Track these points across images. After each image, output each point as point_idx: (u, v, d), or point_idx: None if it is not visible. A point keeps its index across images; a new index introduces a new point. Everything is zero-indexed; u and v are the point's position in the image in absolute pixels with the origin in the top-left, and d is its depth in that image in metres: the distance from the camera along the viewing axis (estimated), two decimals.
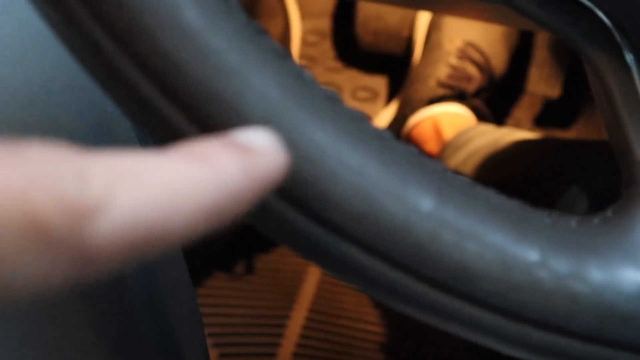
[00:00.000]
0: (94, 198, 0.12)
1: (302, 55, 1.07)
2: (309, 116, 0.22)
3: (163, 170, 0.13)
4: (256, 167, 0.15)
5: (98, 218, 0.12)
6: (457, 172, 0.25)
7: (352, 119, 0.23)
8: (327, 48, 1.08)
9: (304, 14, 1.04)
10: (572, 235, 0.24)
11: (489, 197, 0.24)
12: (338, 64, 1.08)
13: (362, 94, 1.06)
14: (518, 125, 1.05)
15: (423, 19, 0.99)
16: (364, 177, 0.22)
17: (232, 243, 0.85)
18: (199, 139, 0.15)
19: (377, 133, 0.23)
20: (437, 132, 0.91)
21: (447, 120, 0.91)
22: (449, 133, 0.89)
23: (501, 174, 0.69)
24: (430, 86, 0.94)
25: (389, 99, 1.05)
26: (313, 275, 0.88)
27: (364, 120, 0.23)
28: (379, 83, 1.07)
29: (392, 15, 1.00)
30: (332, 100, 0.22)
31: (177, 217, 0.13)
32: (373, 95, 1.06)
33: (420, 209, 0.23)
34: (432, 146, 0.91)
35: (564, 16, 0.27)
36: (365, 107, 1.05)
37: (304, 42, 1.08)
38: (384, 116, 1.00)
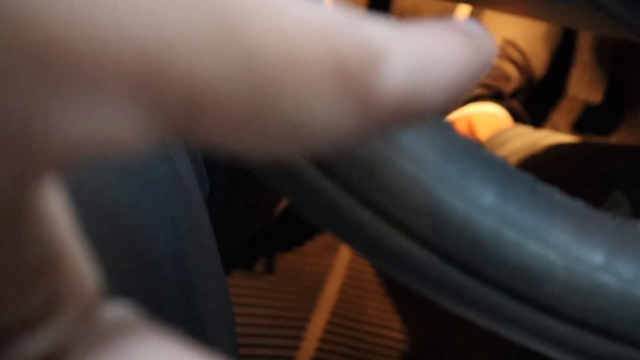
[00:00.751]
0: (379, 50, 0.12)
1: None
2: None
3: (420, 39, 0.13)
4: (479, 49, 0.15)
5: (384, 69, 0.12)
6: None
7: None
8: None
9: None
10: (638, 240, 0.23)
11: (553, 195, 0.24)
12: None
13: None
14: (555, 129, 1.01)
15: (461, 14, 0.97)
16: (422, 166, 0.22)
17: (253, 241, 0.83)
18: (429, 23, 0.15)
19: (436, 122, 0.23)
20: (472, 133, 0.88)
21: (482, 120, 0.89)
22: (484, 134, 0.87)
23: (540, 177, 0.66)
24: None
25: None
26: (336, 278, 0.85)
27: None
28: None
29: (429, 9, 0.98)
30: None
31: (434, 85, 0.13)
32: None
33: (481, 203, 0.22)
34: None
35: None
36: None
37: None
38: None
